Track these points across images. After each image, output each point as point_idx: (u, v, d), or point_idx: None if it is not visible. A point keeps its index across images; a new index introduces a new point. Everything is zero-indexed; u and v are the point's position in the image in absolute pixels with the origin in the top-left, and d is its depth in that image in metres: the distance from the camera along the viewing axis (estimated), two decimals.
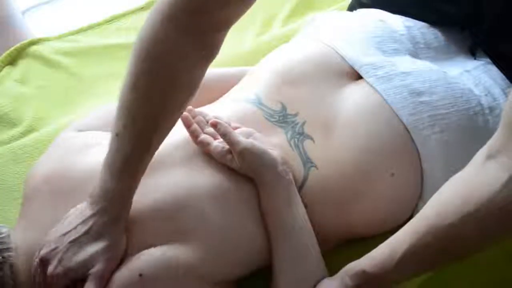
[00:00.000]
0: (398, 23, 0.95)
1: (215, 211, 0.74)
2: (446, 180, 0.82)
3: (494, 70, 0.90)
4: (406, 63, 0.88)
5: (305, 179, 0.80)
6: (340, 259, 0.84)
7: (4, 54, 1.21)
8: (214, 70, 1.03)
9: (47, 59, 1.21)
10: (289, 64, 0.88)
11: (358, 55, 0.88)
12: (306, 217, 0.78)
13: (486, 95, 0.87)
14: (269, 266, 0.79)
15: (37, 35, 1.31)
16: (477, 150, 0.84)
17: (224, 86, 0.96)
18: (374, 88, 0.84)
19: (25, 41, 1.23)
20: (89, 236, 0.69)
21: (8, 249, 0.73)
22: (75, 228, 0.70)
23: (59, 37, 1.27)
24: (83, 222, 0.70)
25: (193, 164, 0.78)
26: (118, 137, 0.69)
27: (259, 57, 1.05)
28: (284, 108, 0.84)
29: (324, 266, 0.78)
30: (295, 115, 0.84)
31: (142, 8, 1.36)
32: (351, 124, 0.82)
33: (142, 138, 0.70)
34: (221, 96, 0.94)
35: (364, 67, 0.86)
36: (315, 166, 0.80)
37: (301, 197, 0.78)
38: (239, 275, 0.78)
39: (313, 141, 0.82)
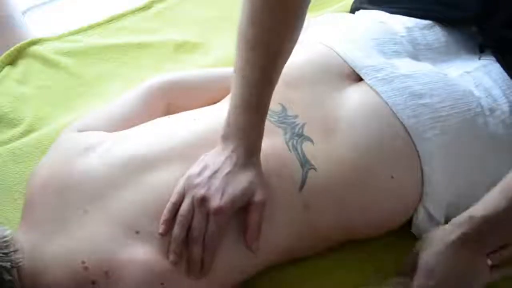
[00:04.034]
0: (398, 24, 0.95)
1: None
2: (447, 182, 0.83)
3: (494, 71, 0.90)
4: (407, 65, 0.88)
5: (303, 180, 0.79)
6: (340, 259, 0.85)
7: (4, 54, 1.20)
8: (215, 69, 1.03)
9: (47, 59, 1.21)
10: (289, 66, 0.88)
11: (359, 57, 0.88)
12: None
13: (486, 96, 0.87)
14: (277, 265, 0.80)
15: (37, 35, 1.30)
16: (478, 151, 0.85)
17: (225, 85, 0.96)
18: (374, 90, 0.84)
19: (25, 41, 1.23)
20: (239, 166, 0.73)
21: (15, 252, 0.72)
22: (223, 163, 0.73)
23: (59, 37, 1.27)
24: (228, 157, 0.74)
25: None
26: (244, 77, 0.75)
27: None
28: (284, 109, 0.84)
29: None
30: (295, 116, 0.84)
31: (142, 8, 1.35)
32: (351, 126, 0.82)
33: (267, 66, 0.75)
34: (222, 95, 0.94)
35: (365, 69, 0.86)
36: (314, 168, 0.80)
37: (301, 198, 0.78)
38: (248, 275, 0.78)
39: (313, 143, 0.82)
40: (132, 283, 0.70)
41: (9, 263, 0.71)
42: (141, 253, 0.71)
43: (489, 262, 0.86)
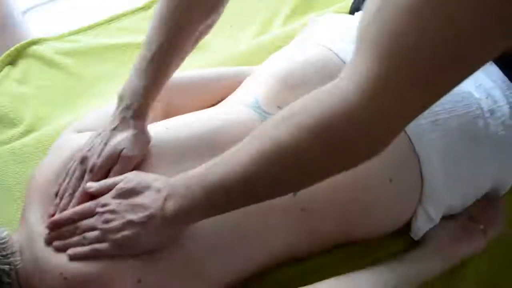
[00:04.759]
0: None
1: None
2: (447, 184, 0.83)
3: (494, 72, 0.90)
4: None
5: None
6: (340, 258, 0.85)
7: (4, 54, 1.20)
8: (213, 70, 1.03)
9: (47, 59, 1.21)
10: (289, 68, 0.88)
11: None
12: None
13: (486, 97, 0.86)
14: (276, 265, 0.80)
15: (37, 35, 1.30)
16: (477, 153, 0.85)
17: (224, 85, 0.97)
18: None
19: (25, 41, 1.23)
20: (118, 130, 0.78)
21: (13, 254, 0.73)
22: (110, 123, 0.79)
23: (59, 37, 1.27)
24: (113, 119, 0.79)
25: None
26: (146, 42, 0.80)
27: (259, 57, 1.05)
28: None
29: None
30: None
31: (142, 8, 1.35)
32: None
33: (167, 40, 0.79)
34: (220, 95, 0.94)
35: None
36: None
37: (297, 202, 0.77)
38: (247, 274, 0.78)
39: None
40: None
41: (7, 266, 0.71)
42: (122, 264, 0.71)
43: (481, 227, 0.86)
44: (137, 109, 0.78)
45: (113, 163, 0.77)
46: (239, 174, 0.63)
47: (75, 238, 0.72)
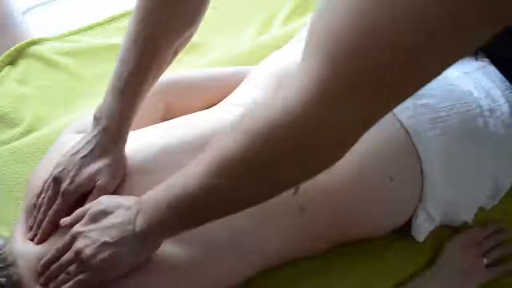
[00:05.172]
0: None
1: None
2: (446, 181, 0.83)
3: (493, 72, 0.90)
4: None
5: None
6: (339, 256, 0.85)
7: (4, 54, 1.20)
8: (213, 69, 1.03)
9: (47, 59, 1.21)
10: (287, 67, 0.88)
11: None
12: None
13: (486, 97, 0.87)
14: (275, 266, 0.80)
15: (37, 35, 1.30)
16: (477, 151, 0.85)
17: (224, 85, 0.97)
18: None
19: (25, 41, 1.23)
20: (94, 154, 0.76)
21: (13, 265, 0.72)
22: (82, 148, 0.77)
23: (59, 37, 1.27)
24: (88, 142, 0.77)
25: None
26: (121, 60, 0.76)
27: (258, 57, 1.06)
28: None
29: None
30: None
31: None
32: None
33: (143, 57, 0.75)
34: (220, 95, 0.94)
35: None
36: None
37: (296, 201, 0.78)
38: (247, 275, 0.79)
39: None
40: None
41: (3, 279, 0.70)
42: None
43: (485, 261, 0.87)
44: (114, 132, 0.76)
45: (85, 191, 0.75)
46: (195, 186, 0.60)
47: (61, 276, 0.70)
